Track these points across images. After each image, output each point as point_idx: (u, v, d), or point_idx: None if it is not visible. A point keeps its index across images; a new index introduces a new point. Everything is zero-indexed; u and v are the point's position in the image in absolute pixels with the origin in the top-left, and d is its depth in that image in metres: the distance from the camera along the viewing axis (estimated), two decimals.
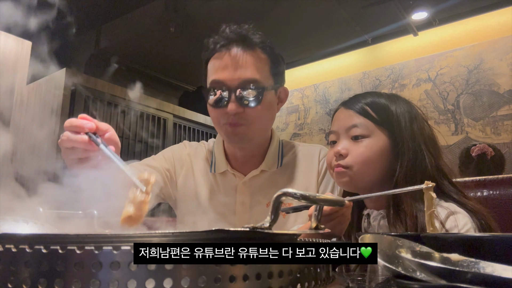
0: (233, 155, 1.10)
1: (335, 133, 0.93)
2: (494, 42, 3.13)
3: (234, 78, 0.96)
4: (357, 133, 0.88)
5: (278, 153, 1.12)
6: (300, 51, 3.79)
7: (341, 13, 3.11)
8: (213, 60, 1.01)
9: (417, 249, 0.52)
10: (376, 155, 0.87)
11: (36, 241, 0.35)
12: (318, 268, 0.42)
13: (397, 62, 3.59)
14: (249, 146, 1.06)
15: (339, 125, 0.92)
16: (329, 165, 0.94)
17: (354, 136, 0.88)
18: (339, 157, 0.89)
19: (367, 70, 3.77)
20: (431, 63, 3.40)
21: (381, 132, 0.88)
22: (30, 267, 0.32)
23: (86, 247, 0.32)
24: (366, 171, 0.87)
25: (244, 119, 0.98)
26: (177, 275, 0.32)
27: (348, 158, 0.87)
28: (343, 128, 0.91)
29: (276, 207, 0.41)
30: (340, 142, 0.90)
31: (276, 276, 0.36)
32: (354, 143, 0.88)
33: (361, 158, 0.86)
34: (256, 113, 0.98)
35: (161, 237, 0.36)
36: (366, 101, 0.91)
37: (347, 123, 0.90)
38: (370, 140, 0.87)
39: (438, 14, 3.21)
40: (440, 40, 3.39)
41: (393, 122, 0.88)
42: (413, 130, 0.88)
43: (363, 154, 0.86)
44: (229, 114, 0.96)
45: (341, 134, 0.91)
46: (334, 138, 0.93)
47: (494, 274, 0.38)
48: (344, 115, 0.92)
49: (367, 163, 0.86)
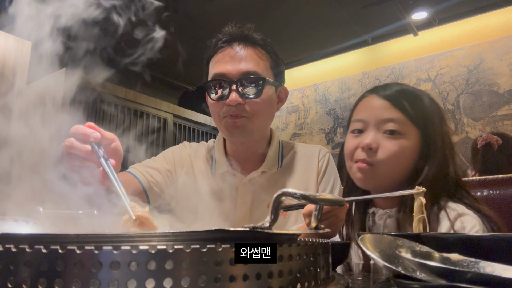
0: (233, 155, 1.09)
1: (362, 122, 0.85)
2: (494, 42, 3.13)
3: (235, 70, 0.98)
4: (392, 128, 0.80)
5: (278, 153, 1.12)
6: (300, 51, 3.79)
7: (341, 13, 3.11)
8: (215, 57, 1.03)
9: (417, 249, 0.52)
10: (407, 154, 0.81)
11: (36, 241, 0.34)
12: (318, 268, 0.42)
13: (397, 62, 3.59)
14: (249, 140, 1.05)
15: (371, 115, 0.84)
16: (350, 156, 0.86)
17: (388, 130, 0.81)
18: (367, 151, 0.81)
19: (367, 70, 3.77)
20: (431, 63, 3.40)
21: (414, 130, 0.82)
22: (30, 267, 0.32)
23: (86, 247, 0.32)
24: (394, 170, 0.81)
25: (244, 111, 0.98)
26: (177, 275, 0.32)
27: (379, 153, 0.80)
28: (375, 119, 0.83)
29: (276, 207, 0.41)
30: (368, 134, 0.82)
31: (276, 276, 0.36)
32: (386, 138, 0.81)
33: (393, 156, 0.80)
34: (256, 106, 0.99)
35: (161, 237, 0.36)
36: (402, 94, 0.84)
37: (381, 115, 0.82)
38: (404, 138, 0.80)
39: (438, 14, 3.21)
40: (440, 40, 3.39)
41: (427, 121, 0.82)
42: (443, 131, 0.83)
43: (396, 152, 0.80)
44: (230, 106, 0.97)
45: (371, 125, 0.83)
46: (360, 126, 0.85)
47: (494, 274, 0.38)
48: (378, 105, 0.84)
49: (397, 162, 0.80)
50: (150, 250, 0.32)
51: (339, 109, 3.86)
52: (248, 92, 0.98)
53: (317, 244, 0.42)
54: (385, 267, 0.47)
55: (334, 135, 3.85)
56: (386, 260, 0.47)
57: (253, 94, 0.98)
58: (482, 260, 0.42)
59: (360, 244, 0.52)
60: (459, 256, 0.44)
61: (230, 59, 0.99)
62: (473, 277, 0.37)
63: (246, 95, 0.98)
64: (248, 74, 0.98)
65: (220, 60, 1.01)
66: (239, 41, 1.01)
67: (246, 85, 0.98)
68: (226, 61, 0.99)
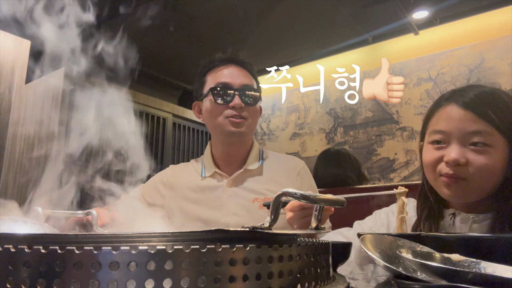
0: (220, 158, 1.27)
1: (444, 134, 0.81)
2: (495, 41, 3.12)
3: (237, 82, 1.21)
4: (480, 140, 0.77)
5: (259, 156, 1.30)
6: (300, 50, 3.78)
7: (341, 12, 3.10)
8: (212, 72, 1.24)
9: (417, 249, 0.52)
10: (498, 167, 0.77)
11: (35, 241, 0.34)
12: (318, 268, 0.42)
13: (397, 61, 3.59)
14: (240, 141, 1.23)
15: (454, 127, 0.80)
16: (432, 168, 0.83)
17: (474, 142, 0.77)
18: (455, 166, 0.78)
19: (367, 70, 3.76)
20: (432, 62, 3.40)
21: (502, 140, 0.78)
22: (29, 267, 0.32)
23: (85, 247, 0.32)
24: (486, 184, 0.78)
25: (243, 116, 1.19)
26: (177, 275, 0.32)
27: (470, 169, 0.77)
28: (459, 132, 0.79)
29: (276, 207, 0.41)
30: (453, 147, 0.79)
31: (276, 276, 0.36)
32: (472, 151, 0.77)
33: (484, 170, 0.76)
34: (253, 111, 1.22)
35: (161, 237, 0.36)
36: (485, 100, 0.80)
37: (466, 127, 0.78)
38: (493, 150, 0.77)
39: (439, 13, 3.20)
40: (441, 39, 3.39)
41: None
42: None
43: (486, 166, 0.76)
44: (234, 108, 1.17)
45: (454, 137, 0.79)
46: (441, 138, 0.82)
47: (495, 274, 0.38)
48: (460, 116, 0.80)
49: (488, 176, 0.77)
50: (149, 250, 0.32)
51: (339, 108, 3.86)
52: (248, 99, 1.20)
53: (317, 244, 0.42)
54: (385, 267, 0.47)
55: (334, 134, 3.84)
56: (387, 261, 0.47)
57: (252, 101, 1.21)
58: (483, 261, 0.42)
59: (360, 244, 0.51)
60: (460, 257, 0.44)
61: (229, 73, 1.22)
62: (474, 277, 0.37)
63: (246, 102, 1.19)
64: (247, 86, 1.22)
65: (220, 74, 1.22)
66: (233, 62, 1.24)
67: (247, 93, 1.20)
68: (227, 75, 1.21)
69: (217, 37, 3.32)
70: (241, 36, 3.38)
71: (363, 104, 3.66)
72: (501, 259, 0.42)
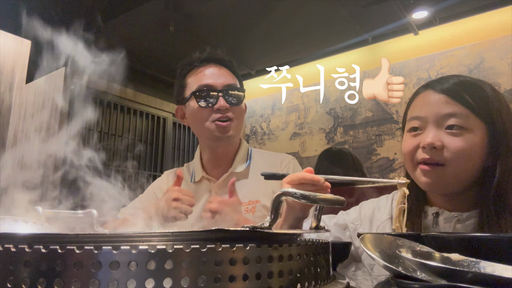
0: (208, 162, 1.25)
1: (420, 120, 0.79)
2: (494, 41, 3.12)
3: (219, 83, 1.16)
4: (455, 123, 0.75)
5: (246, 157, 1.27)
6: (300, 50, 3.78)
7: (341, 12, 3.10)
8: (193, 73, 1.20)
9: (417, 249, 0.52)
10: (476, 151, 0.74)
11: (35, 240, 0.34)
12: (318, 268, 0.42)
13: (397, 61, 3.58)
14: (228, 144, 1.21)
15: (429, 111, 0.78)
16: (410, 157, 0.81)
17: (449, 125, 0.75)
18: (430, 150, 0.75)
19: (367, 70, 3.76)
20: (432, 62, 3.40)
21: (479, 123, 0.75)
22: (30, 267, 0.32)
23: (85, 247, 0.32)
24: (464, 169, 0.75)
25: (229, 117, 1.15)
26: (177, 275, 0.32)
27: (445, 152, 0.74)
28: (434, 115, 0.77)
29: (276, 207, 0.41)
30: (428, 132, 0.77)
31: (276, 276, 0.36)
32: (449, 134, 0.75)
33: (462, 153, 0.73)
34: (238, 111, 1.18)
35: (161, 236, 0.36)
36: (461, 86, 0.78)
37: (441, 110, 0.76)
38: (469, 133, 0.74)
39: (439, 13, 3.20)
40: (440, 39, 3.38)
41: (492, 113, 0.76)
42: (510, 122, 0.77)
43: (463, 149, 0.73)
44: (220, 110, 1.13)
45: (431, 122, 0.78)
46: (418, 124, 0.80)
47: (495, 273, 0.38)
48: (435, 100, 0.78)
49: (467, 160, 0.74)
50: (149, 250, 0.32)
51: (339, 108, 3.86)
52: (232, 99, 1.16)
53: (317, 244, 0.42)
54: (385, 267, 0.47)
55: (334, 134, 3.84)
56: (387, 260, 0.47)
57: (236, 101, 1.17)
58: (483, 260, 0.42)
59: (360, 244, 0.52)
60: (460, 256, 0.44)
61: (211, 74, 1.17)
62: (474, 277, 0.37)
63: (230, 102, 1.15)
64: (230, 86, 1.17)
65: (201, 75, 1.18)
66: (212, 62, 1.20)
67: (230, 93, 1.16)
68: (208, 76, 1.17)
69: (217, 37, 3.32)
70: (241, 36, 3.38)
71: (363, 104, 3.66)
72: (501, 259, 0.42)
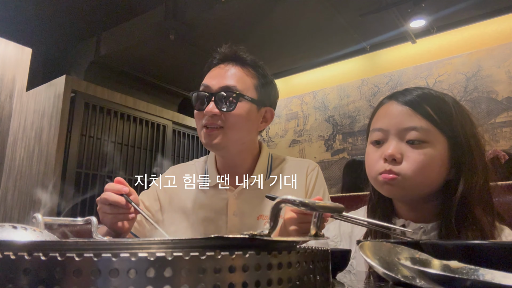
0: (222, 168, 1.12)
1: (382, 132, 0.80)
2: (492, 49, 3.15)
3: (216, 84, 1.04)
4: (416, 137, 0.75)
5: (267, 166, 1.14)
6: (299, 58, 3.81)
7: (339, 20, 3.13)
8: (207, 73, 1.10)
9: (416, 256, 0.52)
10: (435, 165, 0.75)
11: (34, 248, 0.34)
12: (317, 275, 0.42)
13: (395, 69, 3.61)
14: (227, 153, 1.08)
15: (391, 123, 0.79)
16: (372, 168, 0.81)
17: (410, 140, 0.76)
18: (391, 162, 0.76)
19: (365, 77, 3.78)
20: (430, 70, 3.42)
21: (441, 137, 0.76)
22: (29, 275, 0.32)
23: (85, 254, 0.32)
24: (422, 182, 0.76)
25: (220, 122, 1.02)
26: (176, 282, 0.32)
27: (403, 164, 0.75)
28: (396, 128, 0.78)
29: (275, 214, 0.41)
30: (390, 144, 0.78)
31: (275, 283, 0.36)
32: (409, 147, 0.76)
33: (419, 166, 0.74)
34: (231, 118, 1.01)
35: (160, 244, 0.36)
36: (425, 99, 0.78)
37: (403, 123, 0.77)
38: (430, 147, 0.75)
39: (436, 22, 3.23)
40: (438, 48, 3.41)
41: (454, 126, 0.77)
42: (475, 138, 0.78)
43: (423, 162, 0.74)
44: (207, 115, 1.01)
45: (392, 134, 0.78)
46: (380, 137, 0.80)
47: (494, 281, 0.38)
48: (398, 112, 0.78)
49: (425, 173, 0.75)
50: (149, 257, 0.32)
51: (338, 116, 3.87)
52: (223, 104, 1.01)
53: (316, 251, 0.42)
54: (384, 274, 0.47)
55: (333, 142, 3.85)
56: (386, 268, 0.47)
57: (228, 106, 1.01)
58: (482, 268, 0.42)
59: (359, 251, 0.52)
60: (459, 264, 0.44)
61: (216, 74, 1.06)
62: (473, 284, 0.37)
63: (221, 107, 1.01)
64: (227, 88, 1.02)
65: (209, 75, 1.08)
66: (229, 60, 1.08)
67: (222, 97, 1.01)
68: (212, 76, 1.07)
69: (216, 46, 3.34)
70: (240, 45, 3.41)
71: (361, 111, 3.67)
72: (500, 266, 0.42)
